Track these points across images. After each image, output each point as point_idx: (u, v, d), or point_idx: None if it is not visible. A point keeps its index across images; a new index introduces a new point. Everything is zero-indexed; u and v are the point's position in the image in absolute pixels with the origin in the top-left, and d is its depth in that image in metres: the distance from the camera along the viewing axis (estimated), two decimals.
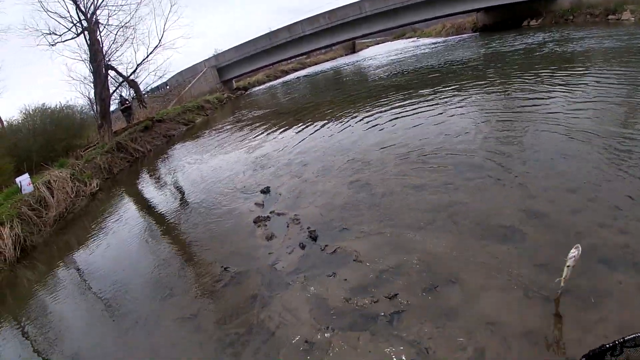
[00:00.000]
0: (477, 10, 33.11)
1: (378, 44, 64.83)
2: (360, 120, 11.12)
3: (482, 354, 3.09)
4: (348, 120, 11.57)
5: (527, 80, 11.09)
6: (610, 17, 23.97)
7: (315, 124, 12.44)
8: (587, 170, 5.43)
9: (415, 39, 51.54)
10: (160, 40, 23.09)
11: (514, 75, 12.21)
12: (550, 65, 12.59)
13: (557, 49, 15.77)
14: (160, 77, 25.00)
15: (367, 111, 12.11)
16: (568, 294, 3.42)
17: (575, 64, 12.29)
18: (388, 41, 64.18)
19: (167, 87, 34.95)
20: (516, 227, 4.46)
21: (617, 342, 1.37)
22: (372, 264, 4.48)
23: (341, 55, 56.80)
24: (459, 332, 3.32)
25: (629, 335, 1.33)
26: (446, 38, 38.56)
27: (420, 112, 10.32)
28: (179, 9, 74.27)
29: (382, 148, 8.15)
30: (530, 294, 3.51)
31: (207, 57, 35.60)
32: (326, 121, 12.32)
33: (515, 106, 8.83)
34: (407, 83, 16.12)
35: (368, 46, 64.33)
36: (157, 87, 33.25)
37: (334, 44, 36.75)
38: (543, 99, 8.88)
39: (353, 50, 59.41)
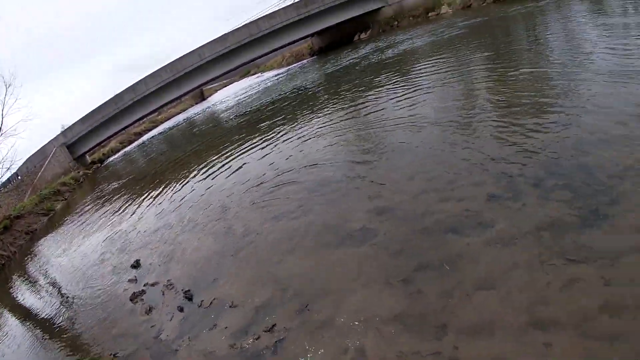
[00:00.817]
0: (310, 35, 34.96)
1: (225, 86, 65.39)
2: (215, 167, 11.24)
3: (363, 349, 3.32)
4: (204, 169, 11.60)
5: (362, 90, 12.08)
6: (430, 14, 27.02)
7: (174, 181, 12.27)
8: (422, 155, 6.16)
9: (259, 74, 53.07)
10: (0, 129, 21.27)
11: (350, 88, 13.20)
12: (380, 71, 13.80)
13: (384, 55, 17.30)
14: (8, 168, 23.01)
15: (219, 156, 12.31)
16: (423, 270, 3.80)
17: (402, 64, 13.63)
18: (235, 81, 65.07)
19: (19, 177, 32.05)
20: (367, 226, 4.87)
21: None
22: (247, 304, 4.57)
23: (192, 105, 56.29)
24: (337, 338, 3.53)
25: None
26: (288, 67, 40.26)
27: (267, 143, 10.83)
28: (14, 90, 67.69)
29: (237, 188, 8.38)
30: (391, 281, 3.85)
31: (54, 136, 33.31)
32: (184, 176, 12.22)
33: (354, 116, 9.60)
34: (254, 119, 16.68)
35: (216, 91, 64.58)
36: (8, 180, 30.39)
37: (181, 96, 36.28)
38: (378, 102, 9.75)
39: (202, 98, 59.28)
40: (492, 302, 3.25)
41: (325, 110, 11.49)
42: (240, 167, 9.86)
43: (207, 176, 10.67)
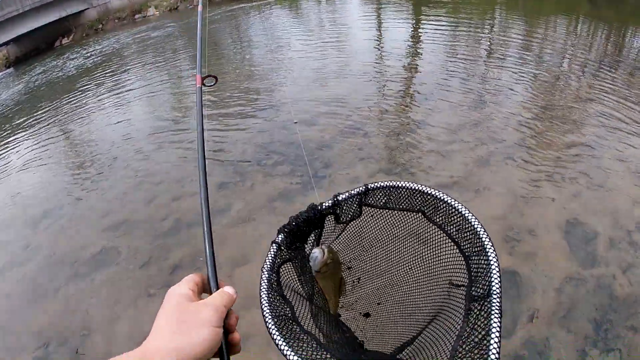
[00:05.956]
0: (5, 43, 30.29)
1: None
2: None
3: None
4: None
5: (68, 103, 10.72)
6: (137, 16, 26.35)
7: None
8: (142, 162, 6.23)
9: None
10: None
11: (55, 104, 11.43)
12: (87, 79, 12.89)
13: (89, 61, 16.12)
14: None
15: None
16: (180, 270, 3.85)
17: (108, 70, 12.98)
18: None
19: None
20: (107, 246, 4.54)
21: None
22: None
23: None
24: None
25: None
26: None
27: None
28: None
29: None
30: (152, 292, 3.76)
31: None
32: None
33: (65, 135, 8.65)
34: None
35: None
36: None
37: None
38: (88, 116, 9.22)
39: None
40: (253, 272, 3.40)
41: (30, 131, 9.78)
42: None
43: None
